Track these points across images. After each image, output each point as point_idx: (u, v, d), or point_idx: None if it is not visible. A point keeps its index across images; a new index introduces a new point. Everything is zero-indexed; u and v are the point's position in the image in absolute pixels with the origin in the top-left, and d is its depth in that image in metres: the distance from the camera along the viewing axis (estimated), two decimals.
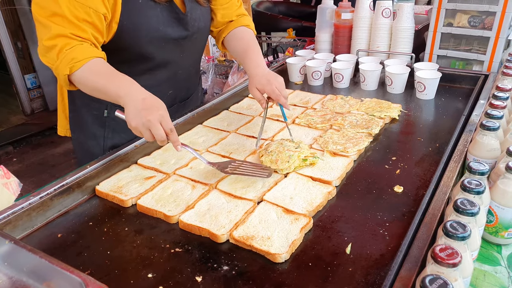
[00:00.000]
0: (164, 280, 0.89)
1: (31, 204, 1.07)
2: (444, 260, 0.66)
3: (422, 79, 1.71)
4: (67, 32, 1.17)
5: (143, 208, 1.12)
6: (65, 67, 1.16)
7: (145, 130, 1.10)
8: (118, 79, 1.18)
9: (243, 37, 1.57)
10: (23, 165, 3.93)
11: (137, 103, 1.11)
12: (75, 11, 1.17)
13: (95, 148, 1.50)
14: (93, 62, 1.19)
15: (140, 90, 1.16)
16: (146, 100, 1.12)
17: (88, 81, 1.19)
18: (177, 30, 1.40)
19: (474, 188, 0.84)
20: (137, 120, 1.10)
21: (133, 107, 1.11)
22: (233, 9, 1.60)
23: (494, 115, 1.13)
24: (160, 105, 1.14)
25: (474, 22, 1.84)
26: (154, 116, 1.09)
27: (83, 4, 1.18)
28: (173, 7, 1.37)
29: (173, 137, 1.14)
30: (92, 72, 1.18)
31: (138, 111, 1.10)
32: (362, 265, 0.90)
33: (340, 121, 1.51)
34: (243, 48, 1.53)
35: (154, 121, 1.09)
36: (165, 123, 1.11)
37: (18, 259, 0.87)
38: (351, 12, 2.12)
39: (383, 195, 1.13)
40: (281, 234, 0.99)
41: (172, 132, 1.13)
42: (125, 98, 1.12)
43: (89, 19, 1.20)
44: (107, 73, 1.19)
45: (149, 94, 1.15)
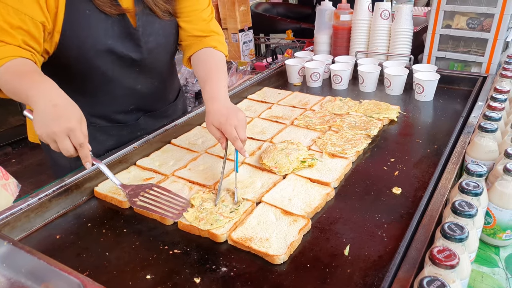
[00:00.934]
0: (162, 281, 0.89)
1: (29, 205, 1.07)
2: (442, 262, 0.66)
3: (421, 81, 1.72)
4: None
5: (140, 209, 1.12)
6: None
7: (51, 141, 1.01)
8: (34, 79, 1.05)
9: (206, 59, 1.39)
10: (22, 166, 3.93)
11: (46, 110, 0.99)
12: (7, 17, 1.08)
13: (61, 159, 1.38)
14: (14, 61, 1.08)
15: (55, 94, 1.03)
16: (58, 108, 1.00)
17: (6, 83, 1.07)
18: (128, 46, 1.30)
19: (472, 190, 0.84)
20: (42, 129, 0.99)
21: (41, 113, 0.99)
22: (198, 24, 1.41)
23: (492, 117, 1.13)
24: (72, 115, 1.01)
25: (473, 24, 1.85)
26: (61, 128, 0.98)
27: (18, 10, 1.09)
28: (125, 21, 1.26)
29: (81, 153, 1.04)
30: (10, 72, 1.07)
31: (45, 120, 0.99)
32: (360, 267, 0.90)
33: (338, 122, 1.52)
34: (203, 76, 1.34)
35: (60, 134, 0.98)
36: (73, 137, 1.00)
37: (17, 260, 0.88)
38: (350, 13, 2.12)
39: (381, 197, 1.13)
40: (279, 236, 0.99)
41: (81, 148, 1.02)
42: (36, 103, 1.00)
43: (24, 26, 1.11)
44: (24, 72, 1.07)
45: (65, 99, 1.03)
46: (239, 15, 2.98)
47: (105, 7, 1.21)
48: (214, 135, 1.21)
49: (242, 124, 1.18)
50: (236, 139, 1.16)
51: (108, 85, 1.34)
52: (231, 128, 1.16)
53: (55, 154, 1.39)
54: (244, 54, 3.03)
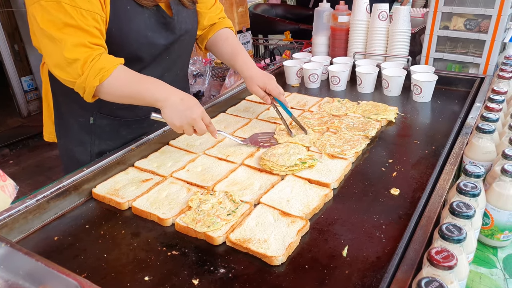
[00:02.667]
0: (160, 283, 0.89)
1: (27, 207, 1.07)
2: (440, 263, 0.66)
3: (419, 82, 1.72)
4: (85, 41, 1.16)
5: (138, 210, 1.12)
6: (94, 78, 1.16)
7: (189, 127, 1.24)
8: (150, 83, 1.24)
9: (228, 37, 1.61)
10: (20, 168, 3.92)
11: (177, 105, 1.22)
12: (84, 20, 1.16)
13: (82, 155, 1.47)
14: (118, 69, 1.21)
15: (175, 91, 1.25)
16: (184, 100, 1.23)
17: (119, 89, 1.22)
18: (165, 35, 1.38)
19: (470, 191, 0.84)
20: (182, 120, 1.22)
21: (174, 108, 1.22)
22: (217, 12, 1.62)
23: (490, 118, 1.13)
24: (197, 102, 1.26)
25: (470, 25, 1.85)
26: (197, 114, 1.23)
27: (90, 11, 1.16)
28: (160, 11, 1.35)
29: (211, 128, 1.30)
30: (121, 80, 1.21)
31: (181, 112, 1.22)
32: (358, 268, 0.90)
33: (337, 123, 1.52)
34: (231, 50, 1.59)
35: (198, 118, 1.24)
36: (205, 119, 1.27)
37: (15, 262, 0.87)
38: (347, 15, 2.12)
39: (379, 198, 1.13)
40: (277, 237, 0.99)
41: (211, 124, 1.30)
42: (165, 102, 1.22)
43: (98, 25, 1.19)
44: (135, 78, 1.24)
45: (183, 93, 1.25)
46: (237, 17, 2.98)
47: (143, 0, 1.28)
48: (259, 93, 1.53)
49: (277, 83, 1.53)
50: (280, 93, 1.51)
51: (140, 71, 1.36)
52: (275, 86, 1.51)
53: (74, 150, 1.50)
54: None
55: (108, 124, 1.46)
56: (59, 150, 1.58)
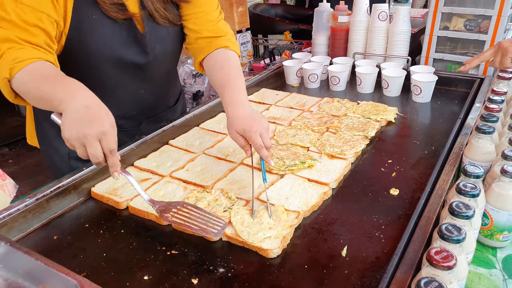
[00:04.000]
0: (160, 282, 0.89)
1: (27, 206, 1.07)
2: (439, 263, 0.66)
3: (418, 82, 1.72)
4: (12, 35, 1.03)
5: (135, 210, 1.12)
6: (4, 69, 1.00)
7: (79, 146, 0.92)
8: (64, 83, 0.99)
9: (223, 66, 1.31)
10: (19, 167, 3.92)
11: (77, 111, 0.92)
12: (24, 16, 1.04)
13: (60, 163, 1.41)
14: (37, 64, 1.02)
15: (86, 95, 0.96)
16: (90, 109, 0.93)
17: (29, 87, 1.01)
18: (134, 52, 1.28)
19: (469, 191, 0.84)
20: (71, 131, 0.91)
21: (71, 114, 0.92)
22: (206, 26, 1.36)
23: (490, 118, 1.13)
24: (106, 118, 0.94)
25: (470, 25, 1.85)
26: (93, 131, 0.90)
27: (33, 8, 1.05)
28: (132, 26, 1.24)
29: (111, 160, 0.95)
30: (34, 75, 1.01)
31: (75, 121, 0.91)
32: (357, 268, 0.90)
33: (336, 123, 1.52)
34: (221, 81, 1.27)
35: (91, 137, 0.90)
36: (105, 142, 0.92)
37: (14, 261, 0.87)
38: (347, 15, 2.13)
39: (379, 198, 1.13)
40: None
41: (111, 155, 0.94)
42: (65, 104, 0.93)
43: (41, 24, 1.07)
44: (51, 77, 1.01)
45: (97, 101, 0.96)
46: (237, 16, 2.98)
47: (112, 12, 1.19)
48: (238, 142, 1.15)
49: (266, 131, 1.14)
50: (261, 147, 1.11)
51: (111, 90, 1.32)
52: (256, 136, 1.11)
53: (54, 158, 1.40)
54: (242, 55, 3.03)
55: None
56: (42, 156, 1.50)
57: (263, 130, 1.13)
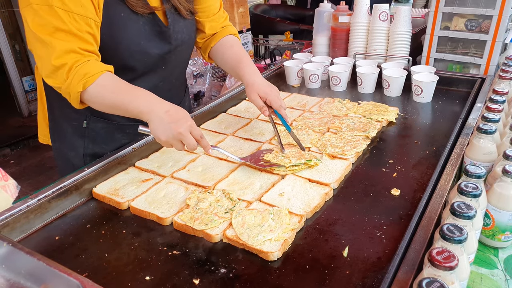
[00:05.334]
0: (161, 282, 0.89)
1: (29, 206, 1.07)
2: (441, 263, 0.66)
3: (419, 82, 1.72)
4: (75, 46, 1.13)
5: (136, 210, 1.12)
6: (77, 84, 1.12)
7: (177, 142, 1.13)
8: (136, 94, 1.17)
9: (233, 45, 1.53)
10: (21, 167, 3.92)
11: (162, 117, 1.12)
12: (76, 24, 1.12)
13: (75, 159, 1.45)
14: (104, 76, 1.16)
15: (161, 103, 1.16)
16: (170, 112, 1.13)
17: (104, 98, 1.16)
18: (160, 45, 1.35)
19: (471, 191, 0.84)
20: (167, 133, 1.12)
21: (159, 121, 1.12)
22: (220, 21, 1.56)
23: (491, 118, 1.13)
24: (185, 114, 1.16)
25: (471, 25, 1.85)
26: (184, 127, 1.12)
27: (83, 16, 1.13)
28: (156, 20, 1.31)
29: (203, 143, 1.18)
30: (106, 87, 1.16)
31: (166, 125, 1.11)
32: (359, 268, 0.90)
33: (337, 124, 1.52)
34: (236, 57, 1.49)
35: (185, 132, 1.12)
36: (194, 132, 1.14)
37: (16, 262, 0.88)
38: (348, 15, 2.13)
39: (380, 198, 1.13)
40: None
41: (202, 138, 1.17)
42: (149, 114, 1.13)
43: (91, 30, 1.16)
44: (122, 88, 1.17)
45: (170, 105, 1.16)
46: (238, 17, 2.99)
47: (138, 7, 1.25)
48: (257, 103, 1.38)
49: (280, 96, 1.40)
50: (281, 106, 1.37)
51: (134, 82, 1.33)
52: (276, 98, 1.37)
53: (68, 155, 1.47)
54: None
55: (102, 128, 1.43)
56: (54, 153, 1.55)
57: (278, 95, 1.40)
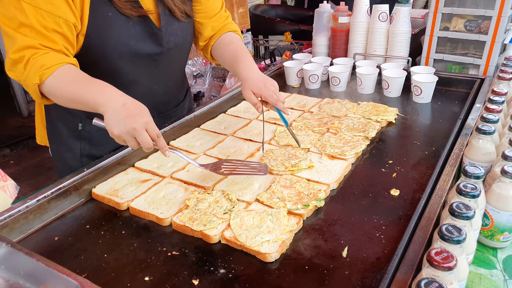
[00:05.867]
0: (161, 283, 0.89)
1: (28, 207, 1.07)
2: (440, 264, 0.66)
3: (419, 83, 1.72)
4: (36, 43, 1.10)
5: (136, 210, 1.12)
6: (34, 76, 1.09)
7: (130, 139, 1.06)
8: (93, 85, 1.11)
9: (232, 41, 1.51)
10: (20, 168, 3.92)
11: (118, 111, 1.05)
12: (43, 21, 1.10)
13: (72, 160, 1.45)
14: (63, 68, 1.11)
15: (119, 95, 1.09)
16: (127, 105, 1.06)
17: (61, 90, 1.11)
18: (151, 46, 1.33)
19: (470, 192, 0.84)
20: (121, 128, 1.04)
21: (114, 115, 1.05)
22: (222, 21, 1.54)
23: (490, 119, 1.13)
24: (143, 110, 1.09)
25: (470, 26, 1.85)
26: (139, 123, 1.04)
27: (51, 14, 1.11)
28: (148, 21, 1.30)
29: (160, 143, 1.10)
30: (64, 79, 1.11)
31: (120, 119, 1.04)
32: (358, 269, 0.90)
33: (337, 124, 1.52)
34: (233, 53, 1.46)
35: (140, 128, 1.04)
36: (151, 130, 1.07)
37: (15, 262, 0.87)
38: (348, 16, 2.13)
39: (379, 199, 1.13)
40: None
41: (159, 138, 1.09)
42: (105, 106, 1.06)
43: (59, 29, 1.13)
44: (80, 79, 1.12)
45: (129, 98, 1.10)
46: (238, 17, 2.99)
47: (126, 10, 1.23)
48: (251, 100, 1.33)
49: (277, 89, 1.34)
50: (277, 100, 1.31)
51: (128, 86, 1.34)
52: (270, 93, 1.31)
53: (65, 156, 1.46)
54: None
55: (98, 130, 1.38)
56: (52, 155, 1.55)
57: (274, 89, 1.33)
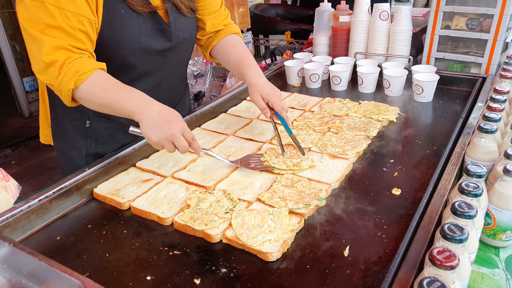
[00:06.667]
0: (162, 282, 0.90)
1: (30, 206, 1.07)
2: (442, 263, 0.66)
3: (420, 82, 1.72)
4: (66, 44, 1.12)
5: (137, 210, 1.12)
6: (69, 81, 1.12)
7: (168, 144, 1.13)
8: (128, 94, 1.16)
9: (236, 46, 1.53)
10: (22, 168, 3.93)
11: (154, 118, 1.11)
12: (68, 21, 1.12)
13: (77, 158, 1.46)
14: (97, 74, 1.15)
15: (153, 104, 1.15)
16: (162, 113, 1.13)
17: (96, 97, 1.15)
18: (161, 41, 1.35)
19: (472, 191, 0.84)
20: (159, 135, 1.11)
21: (151, 122, 1.11)
22: (221, 19, 1.56)
23: (492, 117, 1.13)
24: (178, 116, 1.16)
25: (472, 24, 1.85)
26: (177, 129, 1.12)
27: (75, 13, 1.12)
28: (156, 17, 1.31)
29: (195, 145, 1.18)
30: (98, 86, 1.15)
31: (158, 126, 1.11)
32: (360, 268, 0.90)
33: (338, 123, 1.52)
34: (239, 58, 1.49)
35: (177, 134, 1.12)
36: (187, 134, 1.14)
37: (17, 262, 0.88)
38: (349, 15, 2.12)
39: (381, 198, 1.13)
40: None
41: (194, 141, 1.17)
42: (141, 115, 1.12)
43: (83, 28, 1.15)
44: (114, 87, 1.16)
45: (163, 106, 1.16)
46: (238, 17, 2.98)
47: (138, 6, 1.25)
48: (260, 104, 1.38)
49: (281, 98, 1.40)
50: (283, 109, 1.36)
51: (136, 81, 1.35)
52: (278, 100, 1.36)
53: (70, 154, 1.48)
54: None
55: (105, 128, 1.44)
56: (56, 153, 1.56)
57: (280, 97, 1.40)
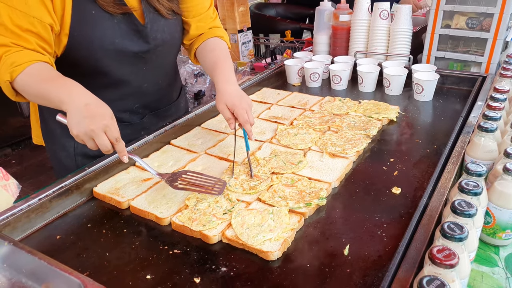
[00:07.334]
0: (162, 281, 0.90)
1: (30, 205, 1.07)
2: (442, 261, 0.66)
3: (420, 81, 1.72)
4: (8, 41, 1.10)
5: (136, 209, 1.12)
6: (5, 73, 1.09)
7: (88, 139, 1.05)
8: (62, 83, 1.10)
9: (214, 48, 1.47)
10: (22, 167, 3.93)
11: (79, 110, 1.03)
12: (17, 21, 1.10)
13: (66, 159, 1.44)
14: (35, 66, 1.11)
15: (84, 94, 1.08)
16: (90, 106, 1.05)
17: (30, 87, 1.11)
18: (137, 43, 1.32)
19: (472, 190, 0.84)
20: (79, 128, 1.03)
21: (75, 113, 1.04)
22: (207, 22, 1.51)
23: (492, 116, 1.13)
24: (105, 112, 1.06)
25: (472, 23, 1.85)
26: (98, 125, 1.03)
27: (25, 14, 1.10)
28: (132, 18, 1.28)
29: (118, 147, 1.09)
30: (34, 77, 1.11)
31: (80, 119, 1.03)
32: (360, 267, 0.90)
33: (338, 123, 1.52)
34: (213, 61, 1.42)
35: (98, 130, 1.03)
36: (110, 133, 1.05)
37: (17, 261, 0.88)
38: (349, 14, 2.12)
39: (381, 197, 1.13)
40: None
41: (117, 142, 1.08)
42: (68, 105, 1.05)
43: (34, 29, 1.13)
44: (50, 77, 1.11)
45: (94, 98, 1.08)
46: (238, 16, 2.98)
47: (108, 7, 1.23)
48: (225, 114, 1.28)
49: (250, 109, 1.30)
50: (246, 121, 1.26)
51: (115, 84, 1.35)
52: (243, 112, 1.26)
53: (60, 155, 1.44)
54: (243, 55, 3.03)
55: None
56: (48, 154, 1.54)
57: (248, 108, 1.28)
